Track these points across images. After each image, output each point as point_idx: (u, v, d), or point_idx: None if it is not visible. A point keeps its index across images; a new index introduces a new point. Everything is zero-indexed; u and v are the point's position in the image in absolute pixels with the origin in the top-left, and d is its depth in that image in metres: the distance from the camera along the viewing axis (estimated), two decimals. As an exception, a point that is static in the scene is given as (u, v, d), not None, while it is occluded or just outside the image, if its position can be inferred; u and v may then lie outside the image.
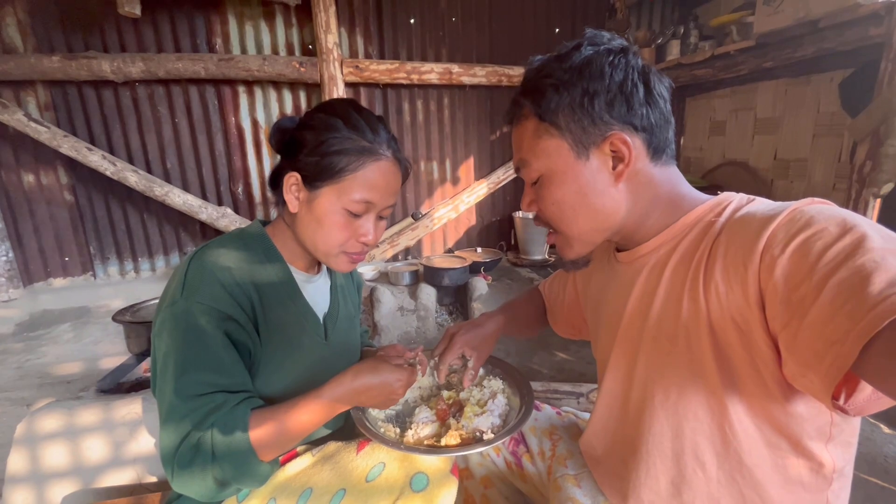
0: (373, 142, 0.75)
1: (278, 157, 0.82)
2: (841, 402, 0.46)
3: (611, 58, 0.61)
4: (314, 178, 0.74)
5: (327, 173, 0.73)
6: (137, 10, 2.44)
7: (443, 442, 0.70)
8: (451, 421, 0.74)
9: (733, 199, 0.62)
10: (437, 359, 0.88)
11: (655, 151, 0.64)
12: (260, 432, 0.66)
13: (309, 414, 0.69)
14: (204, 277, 0.69)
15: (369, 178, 0.75)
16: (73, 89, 2.72)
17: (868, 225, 0.46)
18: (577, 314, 0.96)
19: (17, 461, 1.13)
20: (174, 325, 0.67)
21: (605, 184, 0.64)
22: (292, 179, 0.75)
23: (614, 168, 0.63)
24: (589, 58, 0.61)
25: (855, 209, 1.90)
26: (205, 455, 0.63)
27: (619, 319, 0.71)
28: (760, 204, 0.59)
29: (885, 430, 1.60)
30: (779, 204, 0.55)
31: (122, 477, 1.15)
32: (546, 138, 0.64)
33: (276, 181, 0.81)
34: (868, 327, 0.39)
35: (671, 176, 0.66)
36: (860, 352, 0.40)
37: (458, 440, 0.71)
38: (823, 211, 0.50)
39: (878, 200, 1.86)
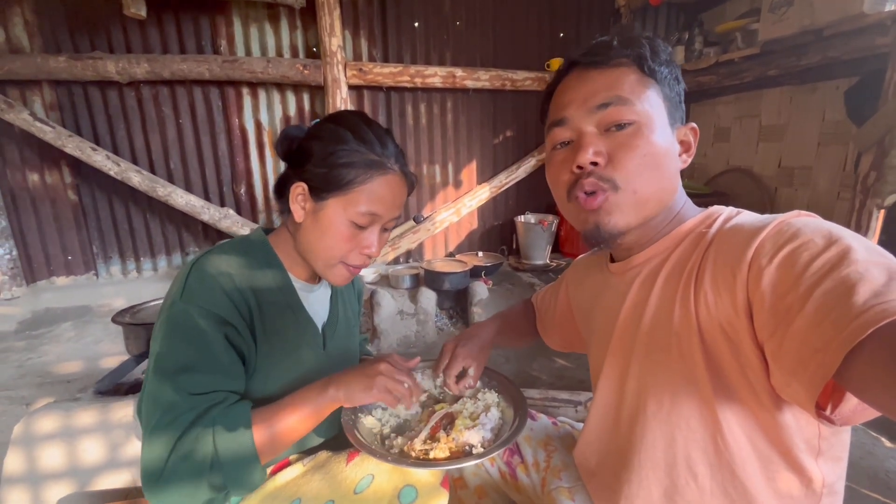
0: (381, 155, 0.76)
1: (283, 163, 0.83)
2: (828, 412, 0.47)
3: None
4: (321, 190, 0.74)
5: (335, 185, 0.73)
6: (143, 12, 2.46)
7: (432, 455, 0.70)
8: (441, 434, 0.74)
9: (723, 212, 0.64)
10: (442, 375, 0.89)
11: None
12: (259, 427, 0.66)
13: (304, 403, 0.70)
14: (204, 282, 0.70)
15: (376, 192, 0.75)
16: (79, 89, 2.74)
17: (852, 237, 0.47)
18: (569, 325, 0.96)
19: (13, 462, 1.13)
20: (174, 326, 0.67)
21: (676, 162, 0.65)
22: (299, 189, 0.76)
23: (679, 155, 0.66)
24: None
25: (859, 219, 1.89)
26: (205, 448, 0.62)
27: (611, 329, 0.71)
28: (749, 216, 0.61)
29: (887, 444, 1.58)
30: (766, 216, 0.57)
31: (117, 480, 1.15)
32: (651, 91, 0.63)
33: (281, 190, 0.81)
34: (851, 336, 0.40)
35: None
36: (844, 361, 0.40)
37: (448, 453, 0.70)
38: (809, 223, 0.51)
39: (882, 211, 1.85)
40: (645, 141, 0.60)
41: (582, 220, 0.66)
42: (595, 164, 0.62)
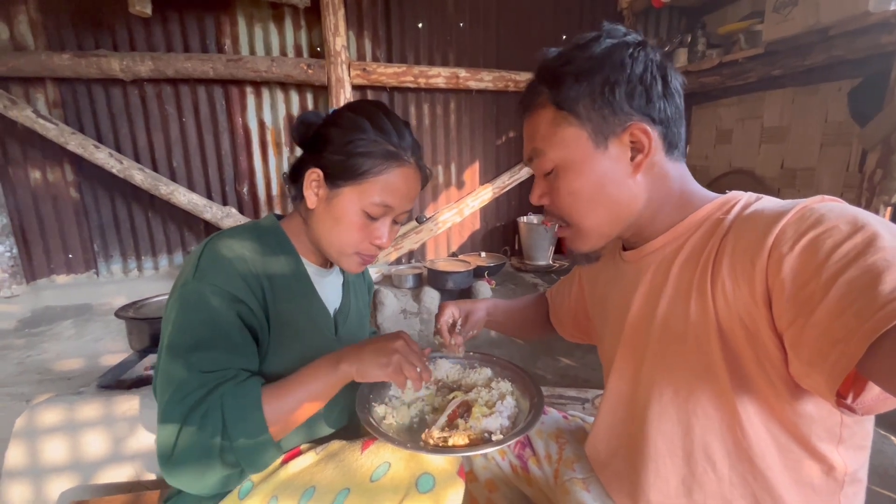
0: (398, 147, 0.75)
1: (287, 161, 0.82)
2: (849, 401, 0.45)
3: (630, 50, 0.61)
4: (336, 177, 0.74)
5: (350, 174, 0.73)
6: (148, 10, 2.46)
7: (450, 442, 0.69)
8: (459, 421, 0.73)
9: (742, 198, 0.62)
10: (438, 332, 0.92)
11: (669, 146, 0.64)
12: (270, 402, 0.65)
13: (315, 377, 0.68)
14: (217, 262, 0.69)
15: (391, 183, 0.74)
16: (83, 87, 2.74)
17: (880, 223, 0.45)
18: (583, 315, 0.95)
19: (15, 455, 1.11)
20: (186, 305, 0.67)
21: (622, 175, 0.63)
22: (314, 175, 0.75)
23: (632, 159, 0.62)
24: (609, 48, 0.61)
25: (865, 218, 1.90)
26: (214, 424, 0.61)
27: (624, 318, 0.70)
28: (769, 202, 0.59)
29: (896, 442, 1.58)
30: (788, 202, 0.55)
31: (120, 473, 1.14)
32: (564, 127, 0.62)
33: (295, 175, 0.80)
34: (876, 326, 0.38)
35: (682, 172, 0.66)
36: (868, 351, 0.39)
37: (466, 440, 0.69)
38: (834, 209, 0.49)
39: (889, 209, 1.85)
40: (566, 182, 0.64)
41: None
42: (543, 203, 0.69)
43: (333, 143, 0.74)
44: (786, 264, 0.48)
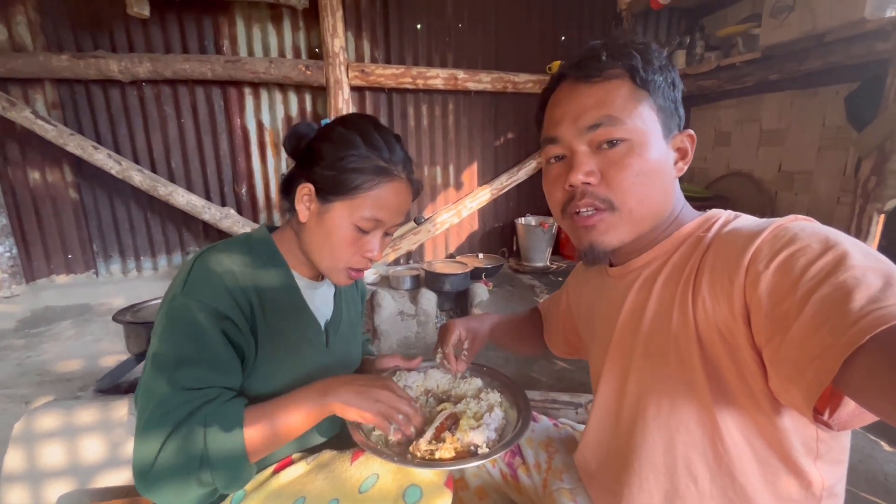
0: (389, 161, 0.76)
1: (290, 162, 0.83)
2: (825, 417, 0.47)
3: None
4: (328, 192, 0.75)
5: (342, 189, 0.74)
6: (146, 11, 2.46)
7: (437, 455, 0.70)
8: (446, 434, 0.74)
9: (721, 216, 0.64)
10: (440, 352, 0.91)
11: None
12: (252, 426, 0.66)
13: (299, 407, 0.69)
14: (206, 277, 0.70)
15: (382, 198, 0.76)
16: (81, 88, 2.74)
17: (849, 242, 0.47)
18: (572, 330, 0.96)
19: (13, 460, 1.13)
20: (172, 320, 0.68)
21: (672, 174, 0.65)
22: (305, 190, 0.76)
23: (675, 163, 0.65)
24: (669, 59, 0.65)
25: (859, 224, 1.90)
26: (196, 444, 0.62)
27: (610, 333, 0.71)
28: (746, 220, 0.61)
29: (886, 447, 1.59)
30: (764, 220, 0.57)
31: (117, 478, 1.15)
32: (644, 105, 0.61)
33: (287, 188, 0.81)
34: (849, 343, 0.40)
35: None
36: (842, 367, 0.40)
37: (453, 453, 0.70)
38: (806, 228, 0.51)
39: (882, 216, 1.86)
40: (637, 159, 0.60)
41: (577, 238, 0.68)
42: (588, 182, 0.62)
43: (325, 159, 0.75)
44: (762, 282, 0.49)
